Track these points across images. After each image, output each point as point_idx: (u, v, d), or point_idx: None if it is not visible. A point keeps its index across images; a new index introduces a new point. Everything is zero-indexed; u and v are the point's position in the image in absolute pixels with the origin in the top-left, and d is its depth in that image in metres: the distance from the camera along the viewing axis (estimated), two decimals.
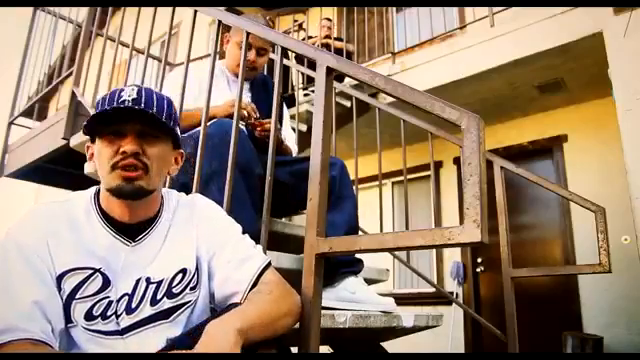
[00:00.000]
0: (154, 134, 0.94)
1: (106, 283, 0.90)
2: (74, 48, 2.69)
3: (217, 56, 1.58)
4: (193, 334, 0.86)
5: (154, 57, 3.01)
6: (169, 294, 0.94)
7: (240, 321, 0.81)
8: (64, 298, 0.87)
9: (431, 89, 3.58)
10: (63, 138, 2.36)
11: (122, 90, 0.94)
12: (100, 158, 0.92)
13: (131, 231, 0.95)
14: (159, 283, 0.94)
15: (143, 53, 1.94)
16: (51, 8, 3.24)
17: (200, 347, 0.76)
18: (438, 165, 4.81)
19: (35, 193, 7.82)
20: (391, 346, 1.90)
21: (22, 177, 3.25)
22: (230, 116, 1.64)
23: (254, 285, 0.96)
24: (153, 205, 0.98)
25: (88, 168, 2.07)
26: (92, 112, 2.16)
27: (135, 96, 0.92)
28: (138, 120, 0.91)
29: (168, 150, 0.98)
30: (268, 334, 0.88)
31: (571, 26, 3.00)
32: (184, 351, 0.76)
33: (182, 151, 1.04)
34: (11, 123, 3.28)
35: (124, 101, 0.91)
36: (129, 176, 0.89)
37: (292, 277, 1.06)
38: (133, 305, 0.91)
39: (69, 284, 0.87)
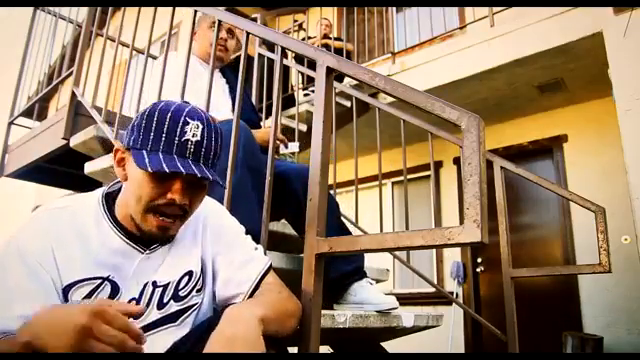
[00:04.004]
0: (202, 183, 0.89)
1: (115, 291, 0.87)
2: (74, 48, 2.68)
3: (215, 55, 1.58)
4: (196, 333, 0.86)
5: (154, 57, 3.00)
6: (176, 297, 0.93)
7: (261, 309, 0.81)
8: None
9: (431, 89, 3.58)
10: (63, 138, 2.35)
11: (186, 123, 0.85)
12: (136, 189, 0.85)
13: (145, 239, 0.92)
14: (165, 286, 0.92)
15: (143, 53, 1.94)
16: (51, 8, 3.24)
17: (224, 324, 0.76)
18: (438, 165, 4.81)
19: (35, 193, 7.81)
20: (391, 346, 1.90)
21: (22, 177, 3.25)
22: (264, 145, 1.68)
23: (256, 288, 0.97)
24: None
25: (88, 168, 2.06)
26: (92, 112, 2.16)
27: (199, 138, 0.85)
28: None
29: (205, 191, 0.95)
30: (279, 329, 0.88)
31: (571, 26, 3.00)
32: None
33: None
34: (11, 123, 3.27)
35: (187, 141, 0.84)
36: (165, 226, 0.86)
37: (291, 277, 1.06)
38: None
39: (77, 296, 0.84)
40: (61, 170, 2.92)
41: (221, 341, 0.74)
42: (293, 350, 0.98)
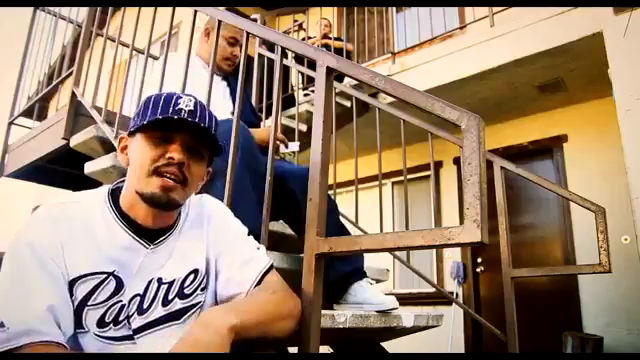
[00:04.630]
0: (200, 152, 0.94)
1: (119, 286, 0.88)
2: (74, 48, 2.69)
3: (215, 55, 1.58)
4: None
5: (154, 57, 3.01)
6: (181, 295, 0.93)
7: (237, 317, 0.80)
8: (75, 304, 0.84)
9: (431, 89, 3.59)
10: (63, 138, 2.36)
11: (179, 97, 0.92)
12: (139, 156, 0.90)
13: (150, 234, 0.93)
14: (170, 283, 0.93)
15: (143, 53, 1.94)
16: (51, 8, 3.24)
17: (194, 328, 0.77)
18: (438, 165, 4.81)
19: (35, 193, 7.81)
20: (391, 346, 1.90)
21: (22, 177, 3.25)
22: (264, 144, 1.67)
23: (256, 287, 0.97)
24: (176, 213, 0.98)
25: (88, 168, 2.06)
26: (92, 112, 2.17)
27: (192, 108, 0.91)
28: (190, 133, 0.91)
29: (205, 168, 0.98)
30: (266, 333, 0.88)
31: (571, 26, 3.00)
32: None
33: (210, 169, 1.03)
34: (11, 123, 3.28)
35: (180, 110, 0.90)
36: (167, 185, 0.88)
37: (291, 277, 1.06)
38: (145, 305, 0.90)
39: (81, 290, 0.84)
40: (61, 170, 2.92)
41: (186, 343, 0.75)
42: (293, 350, 0.98)
